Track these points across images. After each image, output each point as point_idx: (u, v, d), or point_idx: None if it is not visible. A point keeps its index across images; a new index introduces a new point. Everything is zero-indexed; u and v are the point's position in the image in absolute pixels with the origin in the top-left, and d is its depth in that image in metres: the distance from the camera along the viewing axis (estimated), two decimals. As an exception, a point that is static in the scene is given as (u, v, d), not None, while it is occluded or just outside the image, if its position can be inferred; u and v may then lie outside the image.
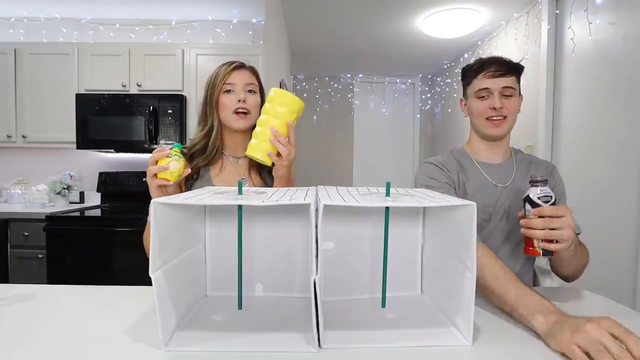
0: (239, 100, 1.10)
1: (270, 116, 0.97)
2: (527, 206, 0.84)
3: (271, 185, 1.13)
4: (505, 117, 1.07)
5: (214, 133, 1.13)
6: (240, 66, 1.15)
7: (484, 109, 1.09)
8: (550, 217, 0.80)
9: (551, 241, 0.81)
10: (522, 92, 1.13)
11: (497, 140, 1.13)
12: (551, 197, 0.82)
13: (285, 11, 3.00)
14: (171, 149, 0.94)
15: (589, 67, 2.21)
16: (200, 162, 1.12)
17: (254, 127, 1.03)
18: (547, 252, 0.83)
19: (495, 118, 1.08)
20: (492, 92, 1.07)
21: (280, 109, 0.97)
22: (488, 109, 1.08)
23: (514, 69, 1.08)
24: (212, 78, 1.13)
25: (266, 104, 0.99)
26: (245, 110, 1.10)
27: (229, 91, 1.11)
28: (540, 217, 0.81)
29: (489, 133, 1.10)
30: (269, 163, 0.99)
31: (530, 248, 0.85)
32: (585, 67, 2.24)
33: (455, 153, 1.19)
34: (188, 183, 1.12)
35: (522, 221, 0.85)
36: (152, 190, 0.95)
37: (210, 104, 1.12)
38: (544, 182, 0.83)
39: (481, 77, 1.08)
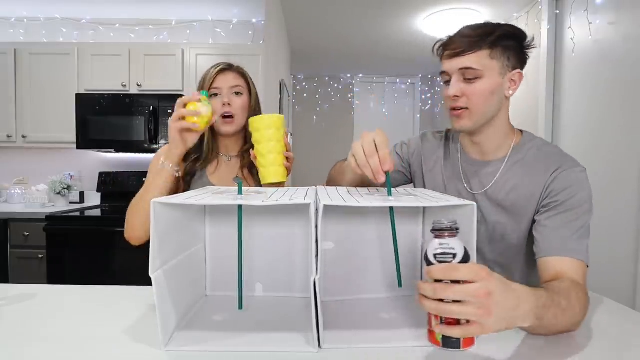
0: (224, 104, 1.10)
1: (264, 143, 0.98)
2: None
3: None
4: (467, 108, 0.84)
5: (205, 139, 1.13)
6: (226, 69, 1.13)
7: (445, 97, 0.87)
8: (442, 281, 0.52)
9: (457, 321, 0.52)
10: (523, 59, 0.86)
11: (470, 135, 0.90)
12: (454, 255, 0.54)
13: (285, 11, 3.00)
14: (200, 95, 0.95)
15: (589, 67, 2.21)
16: (198, 167, 1.13)
17: (242, 129, 1.13)
18: (448, 342, 0.56)
19: (455, 108, 0.85)
20: (451, 76, 0.85)
21: (269, 131, 0.97)
22: (448, 97, 0.86)
23: (482, 42, 0.80)
24: (200, 82, 1.13)
25: (253, 135, 0.99)
26: (230, 114, 1.10)
27: (215, 95, 1.11)
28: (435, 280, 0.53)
29: (452, 126, 0.89)
30: (285, 179, 1.01)
31: (429, 329, 0.59)
32: (585, 67, 2.24)
33: (435, 139, 1.02)
34: (186, 180, 1.12)
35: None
36: (173, 135, 0.94)
37: None
38: (451, 231, 0.55)
39: (443, 58, 0.87)
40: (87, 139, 2.56)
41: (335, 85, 4.92)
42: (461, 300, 0.49)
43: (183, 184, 1.11)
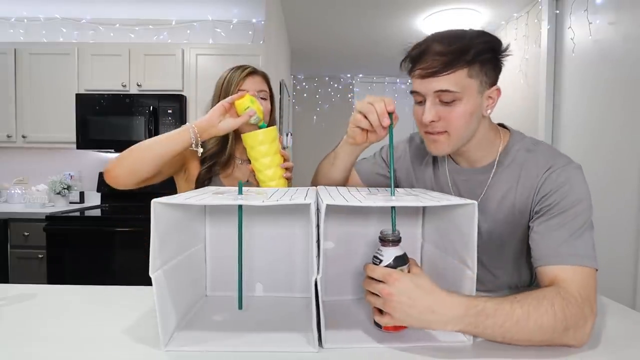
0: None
1: (260, 159, 0.99)
2: None
3: None
4: (446, 131, 0.77)
5: (229, 141, 1.12)
6: (254, 72, 1.13)
7: (419, 119, 0.81)
8: (371, 278, 0.63)
9: (380, 310, 0.63)
10: (501, 83, 0.79)
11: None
12: (380, 260, 0.65)
13: (285, 11, 3.00)
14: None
15: (589, 67, 2.21)
16: (217, 170, 1.11)
17: None
18: (376, 323, 0.67)
19: (432, 132, 0.79)
20: (426, 97, 0.77)
21: (263, 147, 0.98)
22: (422, 122, 0.80)
23: (458, 61, 0.72)
24: (225, 83, 1.10)
25: (249, 152, 1.00)
26: None
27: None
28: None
29: (429, 151, 0.83)
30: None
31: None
32: (585, 67, 2.24)
33: (423, 144, 0.90)
34: (205, 185, 1.11)
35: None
36: (214, 117, 0.96)
37: None
38: (387, 242, 0.66)
39: (415, 75, 0.78)
40: (87, 139, 2.56)
41: (335, 85, 4.92)
42: (375, 293, 0.62)
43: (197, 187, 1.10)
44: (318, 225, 0.60)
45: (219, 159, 1.12)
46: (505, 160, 0.83)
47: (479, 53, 0.73)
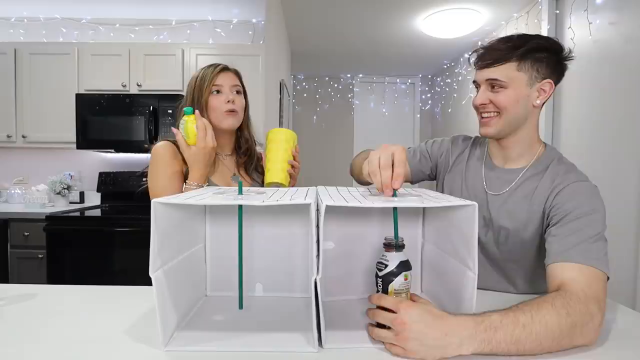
0: (228, 101, 1.14)
1: (273, 151, 1.11)
2: None
3: (259, 182, 1.25)
4: (497, 112, 0.89)
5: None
6: (226, 68, 1.18)
7: (474, 105, 0.94)
8: (381, 308, 0.63)
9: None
10: (560, 71, 0.90)
11: (497, 140, 0.95)
12: (386, 265, 0.64)
13: (285, 11, 3.00)
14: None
15: (589, 67, 2.21)
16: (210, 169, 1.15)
17: (240, 126, 1.21)
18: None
19: (484, 115, 0.92)
20: (480, 86, 0.92)
21: (278, 144, 1.11)
22: (476, 105, 0.93)
23: (509, 55, 0.86)
24: (198, 80, 1.15)
25: (268, 145, 1.13)
26: (234, 109, 1.15)
27: (218, 92, 1.14)
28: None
29: (480, 132, 0.95)
30: (286, 184, 1.11)
31: None
32: (585, 67, 2.24)
33: (463, 143, 1.06)
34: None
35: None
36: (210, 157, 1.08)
37: (199, 107, 1.13)
38: (392, 247, 0.66)
39: (477, 67, 0.92)
40: (87, 139, 2.56)
41: (335, 85, 4.92)
42: (384, 325, 0.61)
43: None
44: (318, 226, 0.60)
45: None
46: (537, 168, 0.92)
47: (530, 51, 0.85)
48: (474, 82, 0.93)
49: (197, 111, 1.07)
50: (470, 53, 0.95)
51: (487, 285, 0.94)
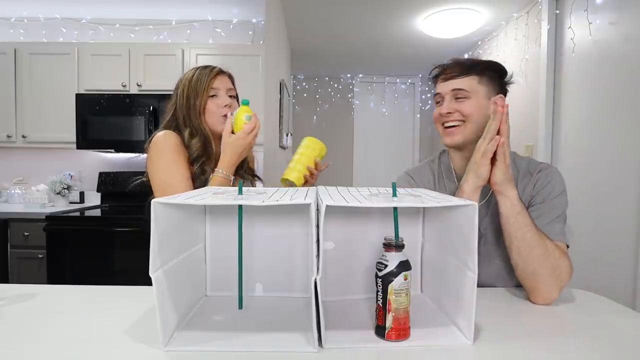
0: (225, 106, 1.14)
1: (298, 154, 1.22)
2: None
3: (250, 182, 1.28)
4: (462, 121, 0.96)
5: (210, 140, 1.15)
6: (221, 71, 1.18)
7: (437, 116, 1.01)
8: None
9: (384, 320, 0.64)
10: (504, 92, 1.01)
11: (461, 149, 1.01)
12: (386, 266, 0.65)
13: (285, 11, 3.00)
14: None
15: (589, 67, 2.21)
16: (208, 169, 1.14)
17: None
18: (377, 332, 0.66)
19: (447, 124, 0.98)
20: (444, 97, 0.99)
21: (308, 151, 1.22)
22: (440, 115, 1.00)
23: (471, 69, 0.96)
24: (194, 83, 1.13)
25: (299, 148, 1.23)
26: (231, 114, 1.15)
27: (214, 95, 1.14)
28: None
29: (444, 142, 1.01)
30: (298, 185, 1.18)
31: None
32: (585, 67, 2.24)
33: (434, 163, 1.13)
34: (194, 182, 1.13)
35: None
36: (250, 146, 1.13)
37: (194, 110, 1.13)
38: (391, 247, 0.66)
39: (438, 82, 1.01)
40: (87, 139, 2.56)
41: (335, 85, 4.92)
42: None
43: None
44: (318, 226, 0.60)
45: (206, 158, 1.15)
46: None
47: (487, 68, 0.99)
48: (437, 94, 1.02)
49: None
50: (432, 69, 1.04)
51: (489, 274, 0.97)
